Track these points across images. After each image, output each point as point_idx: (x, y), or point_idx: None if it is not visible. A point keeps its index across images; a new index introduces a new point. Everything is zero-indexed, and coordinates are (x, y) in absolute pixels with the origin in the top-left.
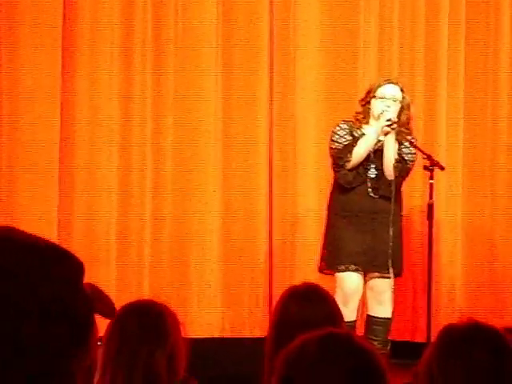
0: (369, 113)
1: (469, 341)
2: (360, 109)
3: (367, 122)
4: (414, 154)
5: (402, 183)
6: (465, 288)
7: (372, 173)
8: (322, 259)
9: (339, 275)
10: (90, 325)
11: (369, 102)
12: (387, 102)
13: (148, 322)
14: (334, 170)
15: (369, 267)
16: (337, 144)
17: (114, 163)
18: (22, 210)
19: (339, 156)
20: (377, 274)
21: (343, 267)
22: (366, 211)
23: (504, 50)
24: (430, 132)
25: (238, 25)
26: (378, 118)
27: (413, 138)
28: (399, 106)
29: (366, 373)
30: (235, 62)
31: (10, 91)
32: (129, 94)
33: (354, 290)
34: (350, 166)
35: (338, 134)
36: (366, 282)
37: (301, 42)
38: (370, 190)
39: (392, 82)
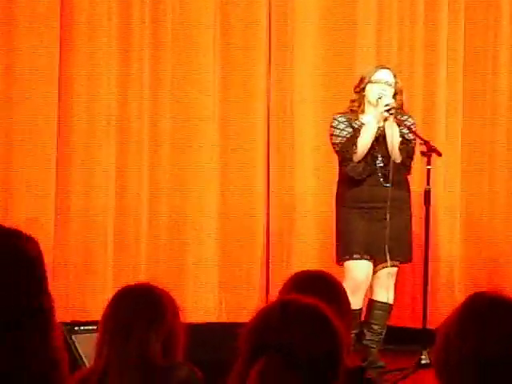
0: (364, 100)
1: (487, 309)
2: (355, 96)
3: (362, 111)
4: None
5: (411, 164)
6: (464, 273)
7: (380, 161)
8: (336, 253)
9: (349, 264)
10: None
11: (363, 89)
12: (383, 86)
13: (143, 305)
14: (341, 165)
15: (379, 257)
16: (340, 138)
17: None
18: (18, 208)
19: (345, 150)
20: (386, 262)
21: (354, 256)
22: (377, 201)
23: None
24: (428, 119)
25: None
26: (377, 103)
27: (412, 124)
28: (393, 90)
29: (323, 329)
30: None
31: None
32: (125, 93)
33: (363, 279)
34: (357, 157)
35: (339, 128)
36: (374, 270)
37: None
38: (381, 179)
39: (385, 68)
